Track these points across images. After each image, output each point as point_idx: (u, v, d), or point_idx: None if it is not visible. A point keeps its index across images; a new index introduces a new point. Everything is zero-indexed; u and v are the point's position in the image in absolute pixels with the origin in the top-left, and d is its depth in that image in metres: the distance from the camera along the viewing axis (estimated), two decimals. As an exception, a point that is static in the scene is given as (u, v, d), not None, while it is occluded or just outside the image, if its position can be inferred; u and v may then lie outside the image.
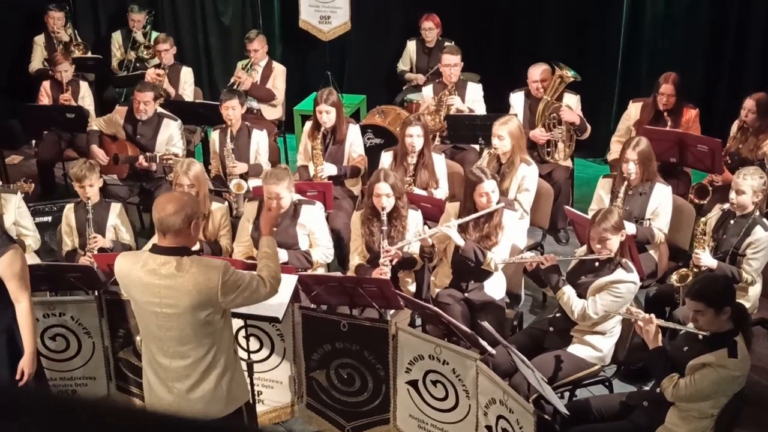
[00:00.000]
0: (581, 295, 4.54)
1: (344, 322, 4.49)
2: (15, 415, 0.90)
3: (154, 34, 8.27)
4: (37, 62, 8.28)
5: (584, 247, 4.83)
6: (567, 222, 6.42)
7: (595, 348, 4.53)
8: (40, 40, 8.30)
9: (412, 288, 5.26)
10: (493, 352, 4.20)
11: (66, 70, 7.29)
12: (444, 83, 6.93)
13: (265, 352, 4.69)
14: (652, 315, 4.12)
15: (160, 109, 6.77)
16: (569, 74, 6.36)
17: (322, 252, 5.29)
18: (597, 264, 4.57)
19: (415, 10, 8.14)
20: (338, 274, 5.26)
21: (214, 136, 6.46)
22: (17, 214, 5.40)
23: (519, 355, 4.01)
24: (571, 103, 6.50)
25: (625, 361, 4.68)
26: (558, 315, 4.68)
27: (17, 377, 3.85)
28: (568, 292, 4.55)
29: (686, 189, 5.99)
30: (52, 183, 7.33)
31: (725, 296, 3.92)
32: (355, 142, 6.31)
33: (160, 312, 3.48)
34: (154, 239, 4.82)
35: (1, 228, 3.88)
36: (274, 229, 4.09)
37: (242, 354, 4.32)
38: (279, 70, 7.70)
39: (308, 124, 6.39)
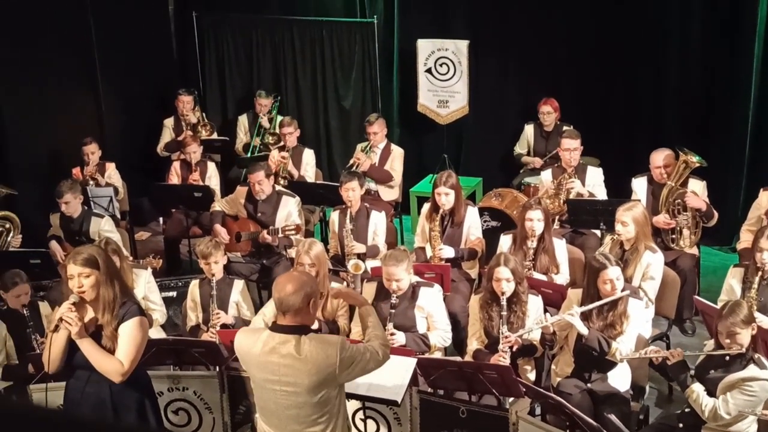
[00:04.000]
0: (710, 391, 4.33)
1: (463, 408, 4.41)
2: None
3: (279, 118, 8.57)
4: (162, 147, 8.67)
5: (713, 340, 4.61)
6: (693, 312, 6.17)
7: (730, 448, 4.28)
8: (169, 122, 8.72)
9: (532, 376, 5.14)
10: (620, 447, 4.03)
11: (195, 152, 7.64)
12: (563, 167, 6.88)
13: (381, 436, 4.63)
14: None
15: (278, 187, 6.97)
16: (694, 160, 6.21)
17: (440, 335, 5.24)
18: (727, 358, 4.36)
19: (533, 94, 8.17)
20: (457, 358, 5.19)
21: (334, 216, 6.57)
22: (146, 288, 5.61)
23: (648, 452, 3.83)
24: (697, 189, 6.32)
25: (763, 463, 4.40)
26: (687, 410, 4.47)
27: None
28: (697, 389, 4.36)
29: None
30: (177, 259, 7.58)
31: None
32: (473, 225, 6.29)
33: (279, 390, 3.51)
34: (266, 311, 4.92)
35: (133, 299, 3.99)
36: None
37: (359, 437, 4.30)
38: (397, 153, 7.82)
39: (426, 206, 6.42)
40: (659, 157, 6.40)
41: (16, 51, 7.42)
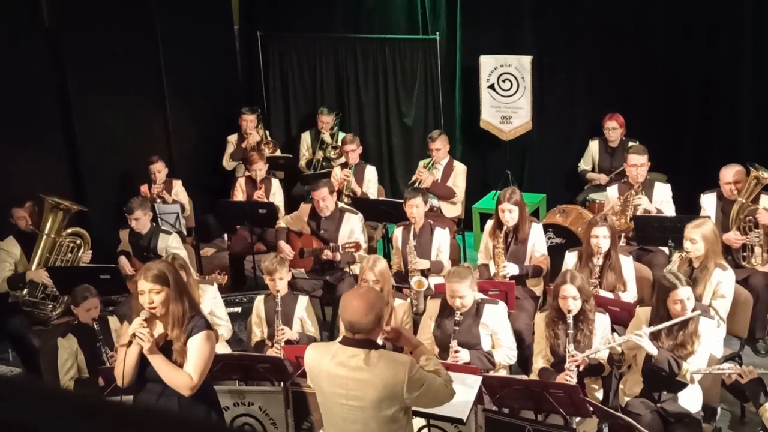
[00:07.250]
0: (787, 412, 4.19)
1: (529, 428, 4.34)
2: None
3: (341, 135, 8.63)
4: (227, 159, 8.81)
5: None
6: (766, 332, 6.00)
7: (808, 473, 4.13)
8: (232, 138, 8.84)
9: (599, 395, 5.05)
10: (692, 470, 3.92)
11: (260, 169, 7.73)
12: (629, 183, 6.77)
13: (446, 454, 4.59)
14: None
15: (341, 204, 7.01)
16: (766, 175, 6.05)
17: (505, 353, 5.19)
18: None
19: (598, 109, 8.07)
20: (524, 377, 5.12)
21: (397, 232, 6.57)
22: (212, 304, 5.68)
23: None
24: (769, 205, 6.16)
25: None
26: (763, 433, 4.34)
27: None
28: (773, 408, 4.22)
29: None
30: (242, 275, 7.67)
31: None
32: (537, 242, 6.22)
33: (346, 404, 3.52)
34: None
35: (201, 313, 4.05)
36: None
37: (424, 455, 4.27)
38: (460, 169, 7.79)
39: (489, 223, 6.37)
40: (729, 173, 6.26)
41: (87, 72, 7.62)
